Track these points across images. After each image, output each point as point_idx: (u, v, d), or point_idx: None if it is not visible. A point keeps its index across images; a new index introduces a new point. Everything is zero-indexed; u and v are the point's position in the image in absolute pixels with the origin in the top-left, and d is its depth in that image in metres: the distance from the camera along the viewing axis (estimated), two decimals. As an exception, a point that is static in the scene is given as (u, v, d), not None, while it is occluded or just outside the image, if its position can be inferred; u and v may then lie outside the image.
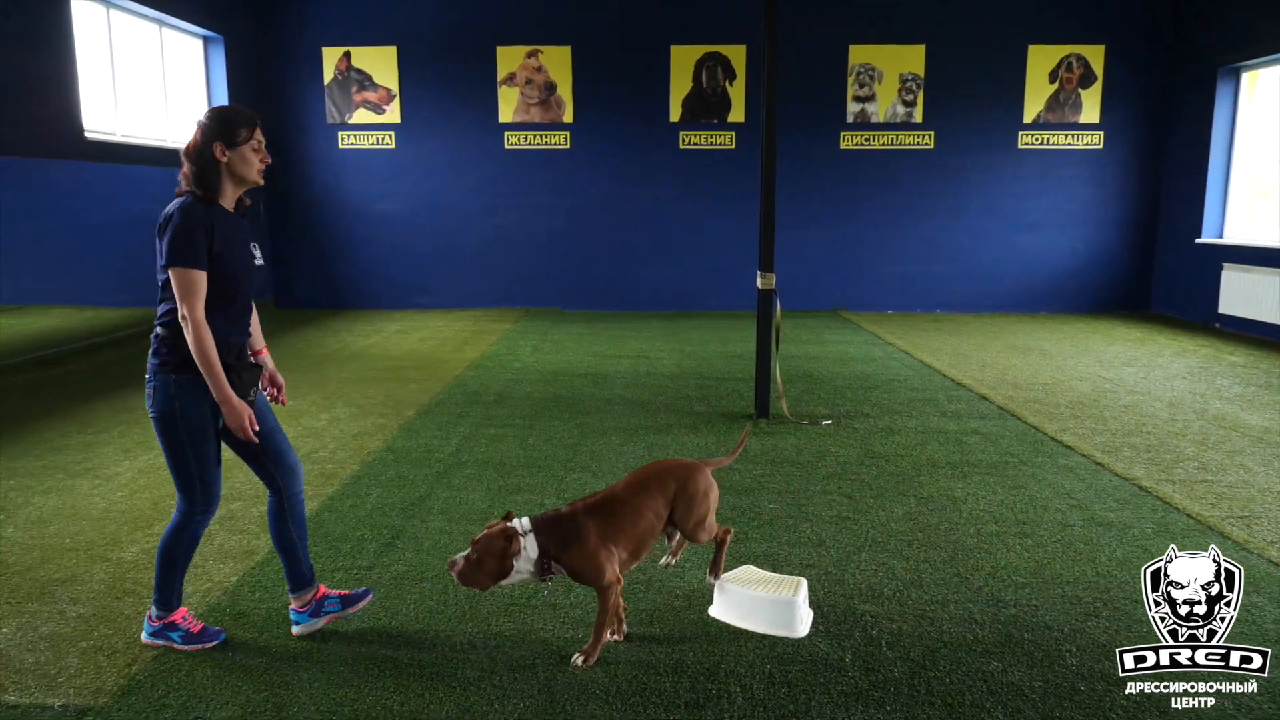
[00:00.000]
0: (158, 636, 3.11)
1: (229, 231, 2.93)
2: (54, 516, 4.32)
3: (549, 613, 3.36)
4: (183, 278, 2.82)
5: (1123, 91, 11.60)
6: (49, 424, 6.02)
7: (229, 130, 2.93)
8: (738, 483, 4.86)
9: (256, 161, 2.99)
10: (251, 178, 2.99)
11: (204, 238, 2.84)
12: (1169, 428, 6.07)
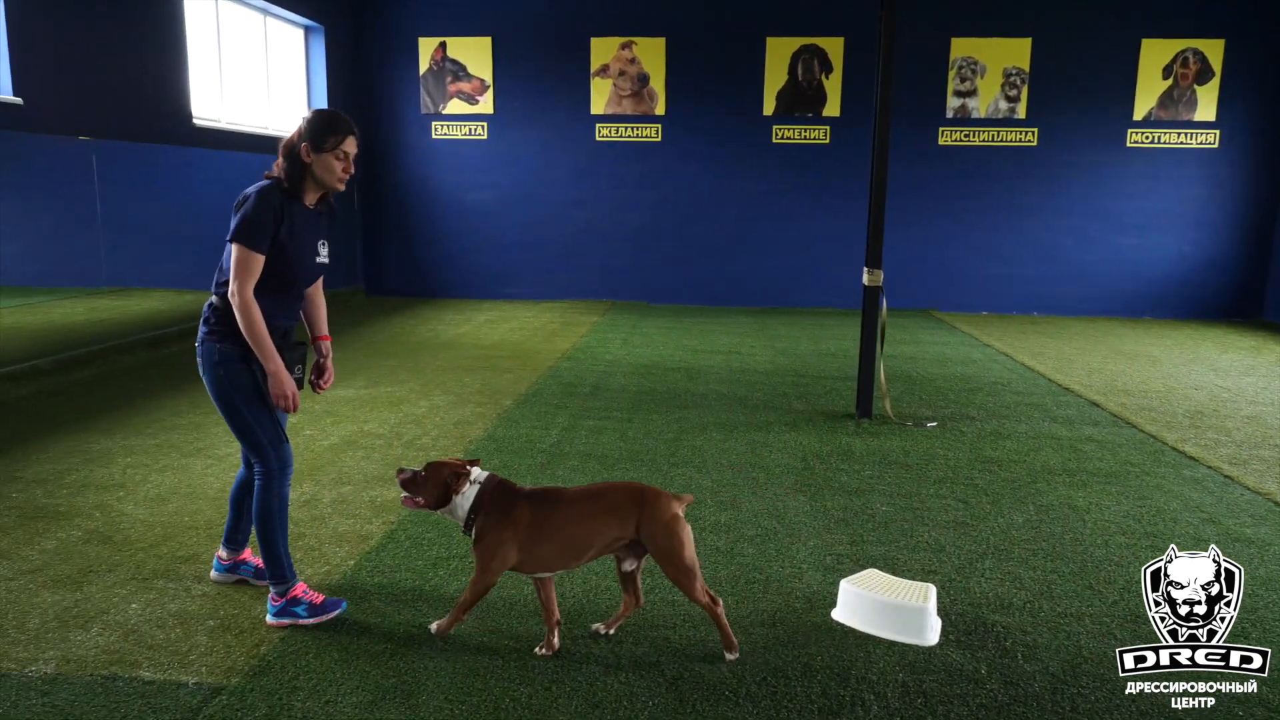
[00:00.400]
0: (283, 615, 3.15)
1: (300, 225, 3.03)
2: (172, 494, 4.42)
3: (669, 609, 3.30)
4: (241, 256, 2.93)
5: (1242, 89, 11.06)
6: (159, 403, 6.19)
7: (319, 135, 3.00)
8: (846, 483, 4.75)
9: (338, 170, 3.05)
10: (330, 184, 3.07)
11: (272, 225, 2.94)
12: (1299, 442, 5.76)
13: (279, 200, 2.98)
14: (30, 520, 4.04)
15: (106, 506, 4.23)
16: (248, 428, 3.09)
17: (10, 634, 3.06)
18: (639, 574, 3.07)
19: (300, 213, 3.05)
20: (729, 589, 3.46)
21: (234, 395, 3.05)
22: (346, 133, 3.03)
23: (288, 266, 3.02)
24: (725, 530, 4.06)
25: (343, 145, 3.02)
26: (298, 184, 3.03)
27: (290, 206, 3.01)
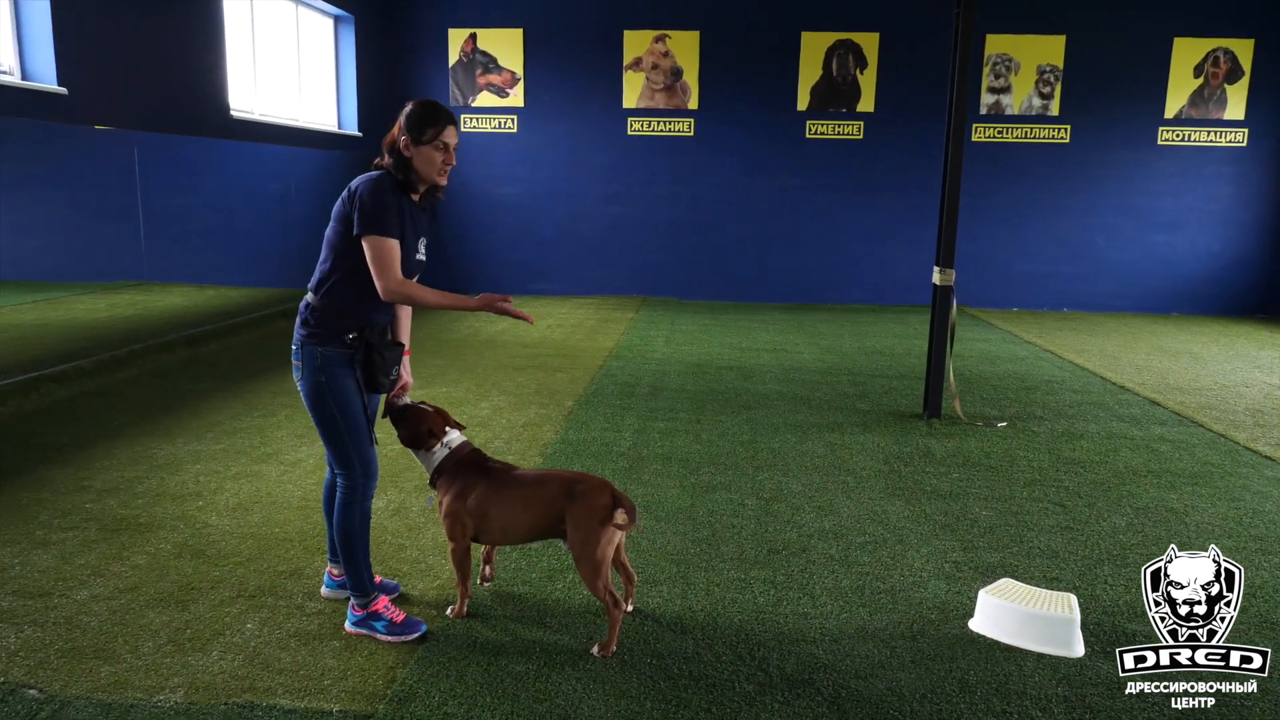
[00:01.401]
0: (361, 626, 3.09)
1: (407, 219, 2.96)
2: (253, 504, 4.32)
3: (800, 620, 3.26)
4: (378, 246, 2.85)
5: (1271, 88, 11.06)
6: (214, 405, 6.09)
7: (416, 127, 2.91)
8: (938, 487, 4.71)
9: (439, 162, 2.94)
10: (431, 177, 2.96)
11: (397, 208, 2.89)
12: (1368, 443, 5.74)
13: (394, 188, 2.93)
14: (113, 533, 3.92)
15: (189, 517, 4.13)
16: (338, 436, 3.01)
17: (126, 659, 2.94)
18: (620, 552, 3.19)
19: (409, 206, 2.98)
20: (856, 600, 3.42)
21: (330, 402, 2.96)
22: (446, 123, 2.93)
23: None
24: (833, 537, 4.02)
25: (442, 135, 2.91)
26: (408, 177, 2.95)
27: (400, 198, 2.95)
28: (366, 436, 3.05)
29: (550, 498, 3.04)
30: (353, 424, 3.00)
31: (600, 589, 2.96)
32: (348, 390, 2.98)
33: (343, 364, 2.97)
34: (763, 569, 3.67)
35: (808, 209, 11.67)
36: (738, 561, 3.74)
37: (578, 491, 3.01)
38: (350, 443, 3.01)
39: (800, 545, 3.91)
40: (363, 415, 3.04)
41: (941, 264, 5.94)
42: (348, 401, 2.98)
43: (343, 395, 2.97)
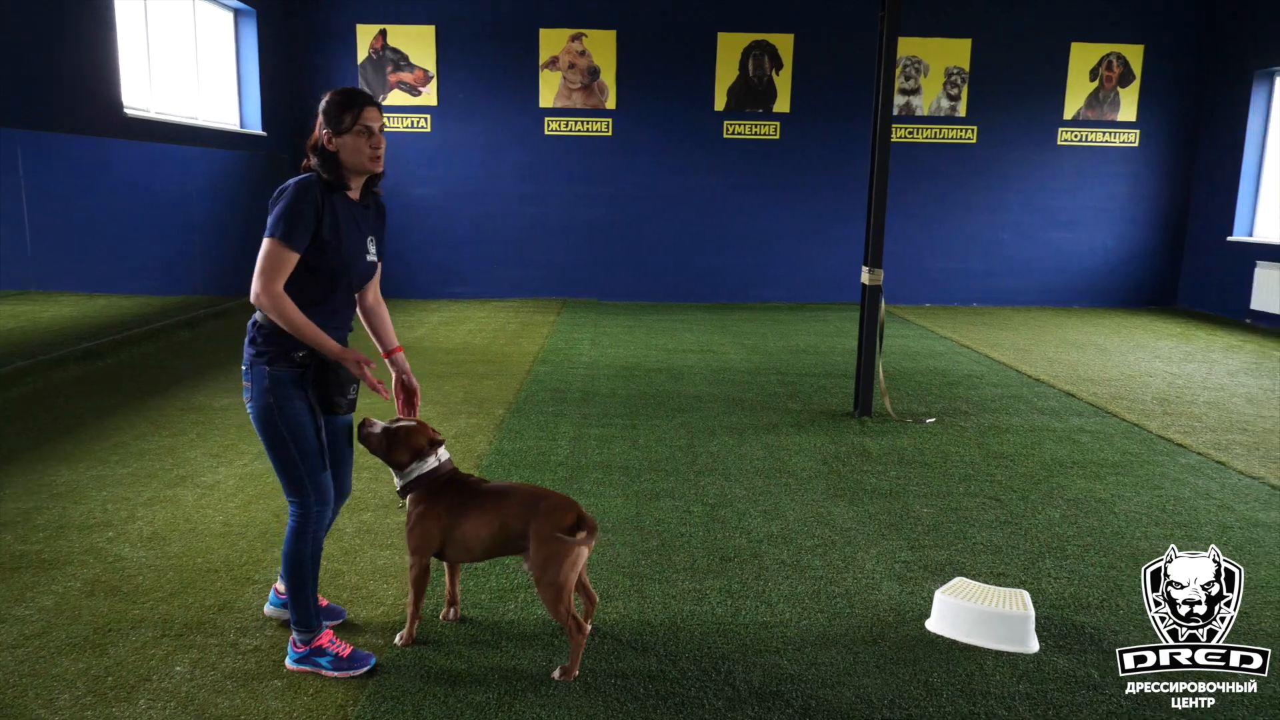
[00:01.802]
0: (304, 663, 2.91)
1: (344, 220, 2.79)
2: (171, 532, 4.04)
3: (761, 630, 3.22)
4: (273, 251, 2.69)
5: (1159, 91, 11.61)
6: (116, 424, 5.74)
7: (335, 116, 2.74)
8: (878, 486, 4.74)
9: (366, 148, 2.76)
10: (363, 165, 2.78)
11: (313, 219, 2.71)
12: (1262, 425, 6.05)
13: (319, 192, 2.73)
14: (12, 573, 3.60)
15: (99, 550, 3.83)
16: (289, 461, 2.81)
17: (39, 713, 2.66)
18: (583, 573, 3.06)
19: (344, 206, 2.80)
20: (813, 606, 3.40)
21: (280, 425, 2.78)
22: (364, 104, 2.76)
23: (332, 267, 2.77)
24: (783, 542, 4.00)
25: (362, 119, 2.73)
26: (336, 174, 2.76)
27: (332, 199, 2.76)
28: (320, 461, 2.86)
29: (513, 513, 2.93)
30: (304, 448, 2.81)
31: (563, 612, 2.84)
32: (299, 412, 2.79)
33: (293, 384, 2.78)
34: (717, 578, 3.62)
35: (726, 209, 11.73)
36: (691, 572, 3.68)
37: (542, 508, 2.90)
38: (303, 469, 2.83)
39: (751, 551, 3.88)
40: (316, 439, 2.84)
41: (870, 264, 6.01)
42: (299, 424, 2.79)
43: (293, 418, 2.79)
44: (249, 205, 10.47)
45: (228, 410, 6.07)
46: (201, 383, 6.84)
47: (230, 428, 5.68)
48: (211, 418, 5.90)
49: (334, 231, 2.75)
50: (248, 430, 5.61)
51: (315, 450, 2.84)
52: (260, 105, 10.59)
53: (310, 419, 2.83)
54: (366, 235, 2.89)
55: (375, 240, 2.94)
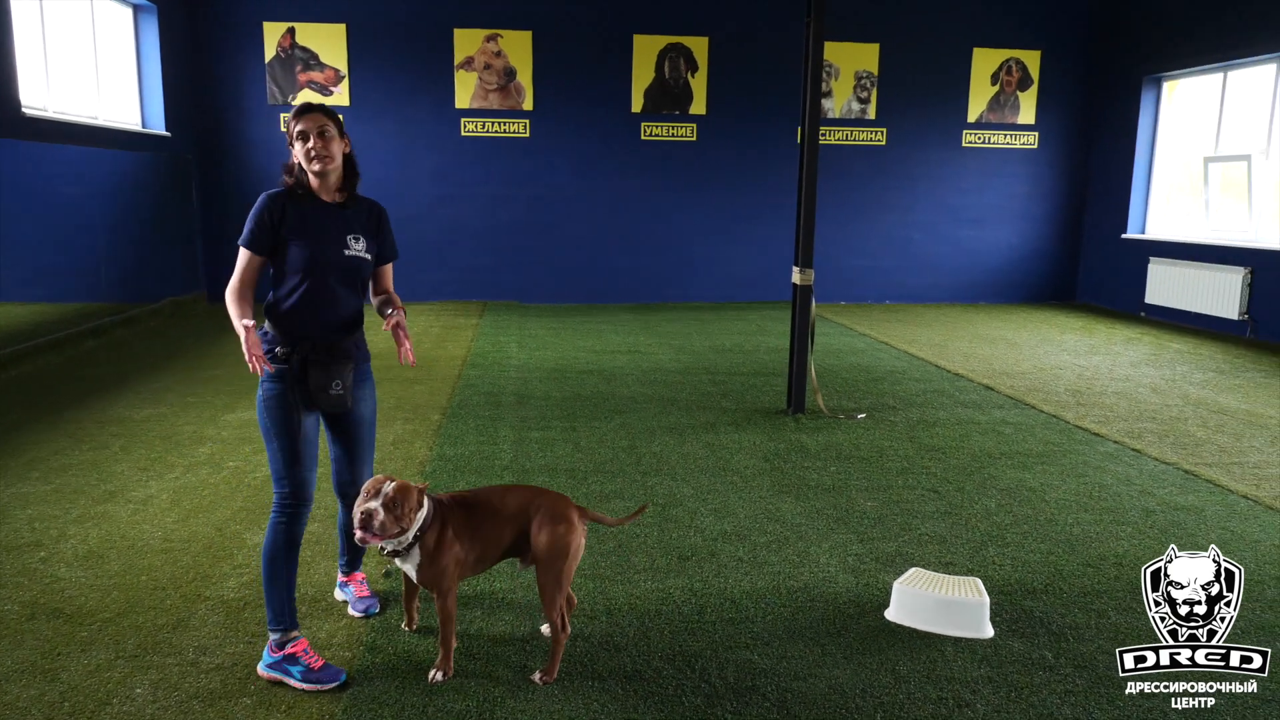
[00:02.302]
0: (275, 669, 2.90)
1: (309, 220, 2.96)
2: (107, 550, 3.87)
3: (729, 626, 3.27)
4: (240, 254, 2.99)
5: (1056, 95, 12.18)
6: (31, 439, 5.45)
7: (289, 126, 3.00)
8: (820, 481, 4.86)
9: (300, 150, 2.95)
10: (307, 168, 2.96)
11: (269, 223, 2.94)
12: (1168, 413, 6.42)
13: (279, 200, 2.96)
14: (-58, 591, 3.45)
15: (32, 571, 3.65)
16: (271, 452, 2.98)
17: None
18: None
19: (313, 208, 2.98)
20: (776, 600, 3.47)
21: (265, 417, 2.97)
22: (299, 114, 2.95)
23: (294, 262, 2.94)
24: (737, 539, 4.07)
25: (297, 126, 2.94)
26: (300, 181, 2.99)
27: (296, 206, 2.97)
28: (299, 457, 2.96)
29: (517, 511, 2.95)
30: (284, 441, 2.95)
31: (558, 608, 2.87)
32: (282, 407, 2.94)
33: (277, 380, 2.94)
34: (678, 577, 3.66)
35: (645, 210, 11.80)
36: (651, 572, 3.71)
37: (542, 506, 2.93)
38: (281, 460, 2.96)
39: (708, 550, 3.93)
40: (296, 434, 2.95)
41: (801, 264, 6.14)
42: (282, 419, 2.94)
43: (277, 411, 2.94)
44: (152, 208, 10.04)
45: (150, 422, 5.83)
46: (118, 394, 6.54)
47: (155, 440, 5.45)
48: (134, 430, 5.65)
49: (296, 232, 2.94)
50: (174, 442, 5.40)
51: (293, 445, 2.95)
52: (163, 105, 10.17)
53: (294, 414, 2.94)
54: (346, 233, 3.01)
55: (364, 237, 3.04)
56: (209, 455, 5.18)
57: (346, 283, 3.02)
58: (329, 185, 3.00)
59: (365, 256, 3.05)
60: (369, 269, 3.09)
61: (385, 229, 3.16)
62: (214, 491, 4.60)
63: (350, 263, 3.01)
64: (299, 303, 2.95)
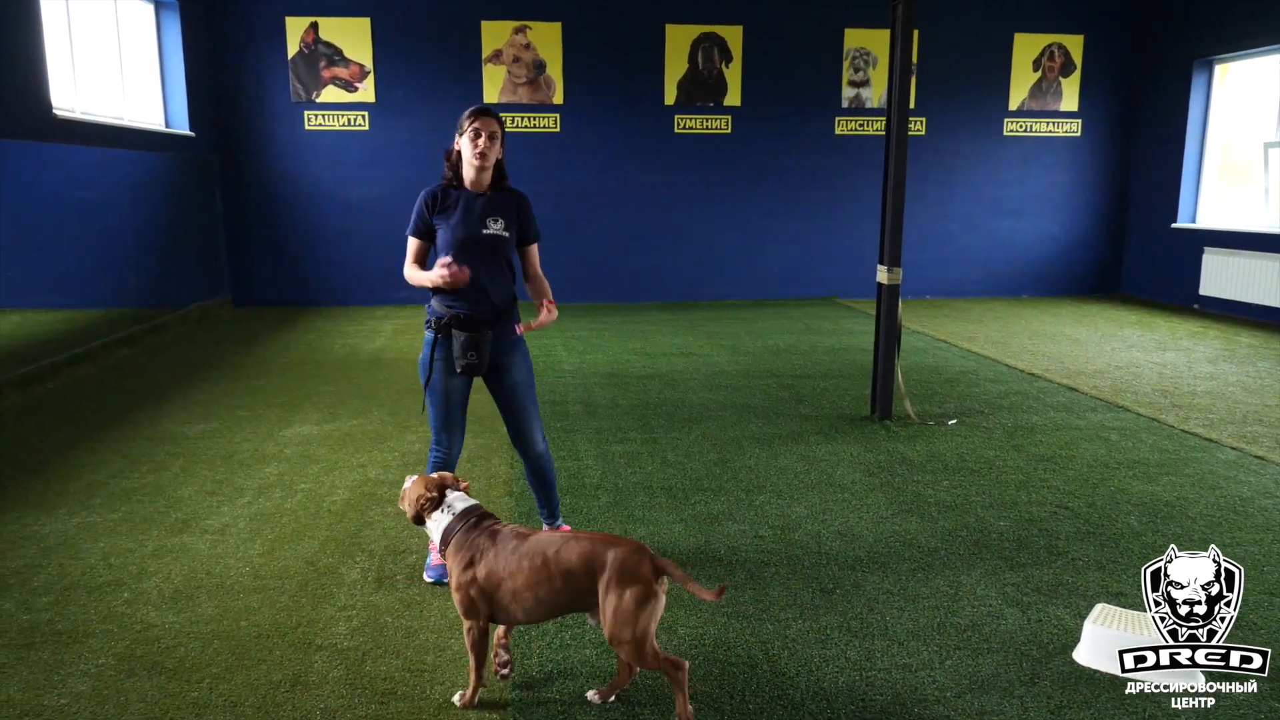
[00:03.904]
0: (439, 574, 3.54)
1: (457, 206, 3.42)
2: (195, 590, 3.53)
3: (906, 674, 2.95)
4: (408, 241, 3.53)
5: (1100, 81, 11.86)
6: (83, 460, 5.11)
7: (461, 122, 3.41)
8: (939, 498, 4.55)
9: (469, 149, 3.39)
10: (468, 161, 3.41)
11: (424, 211, 3.45)
12: (1272, 414, 6.11)
13: (434, 191, 3.46)
14: (26, 650, 3.07)
15: (119, 616, 3.31)
16: (427, 406, 3.54)
17: None
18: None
19: (462, 197, 3.43)
20: (945, 641, 3.15)
21: (421, 374, 3.53)
22: (475, 114, 3.37)
23: (442, 244, 3.44)
24: (875, 566, 3.75)
25: (472, 124, 3.35)
26: (456, 172, 3.46)
27: (447, 194, 3.44)
28: (439, 412, 3.50)
29: (571, 568, 2.60)
30: (432, 399, 3.50)
31: (649, 658, 2.55)
32: (431, 368, 3.47)
33: (429, 346, 3.49)
34: (827, 614, 3.34)
35: (678, 205, 11.46)
36: (798, 608, 3.39)
37: (609, 560, 2.57)
38: (434, 420, 3.53)
39: (850, 581, 3.61)
40: (442, 395, 3.49)
41: (888, 263, 5.82)
42: (434, 383, 3.48)
43: (425, 369, 3.50)
44: (176, 211, 9.67)
45: (205, 439, 5.49)
46: (163, 407, 6.20)
47: (215, 460, 5.12)
48: (190, 448, 5.31)
49: (443, 218, 3.43)
50: (236, 462, 5.07)
51: (436, 402, 3.49)
52: (187, 104, 9.79)
53: (439, 376, 3.46)
54: (486, 215, 3.43)
55: (503, 220, 3.45)
56: (277, 477, 4.85)
57: (488, 259, 3.42)
58: (481, 181, 3.44)
59: (504, 234, 3.44)
60: (508, 246, 3.48)
61: (526, 212, 3.54)
62: (293, 519, 4.27)
63: (489, 240, 3.41)
64: (443, 290, 3.38)
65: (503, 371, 3.52)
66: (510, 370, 3.53)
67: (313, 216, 10.92)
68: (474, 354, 3.38)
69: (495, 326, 3.46)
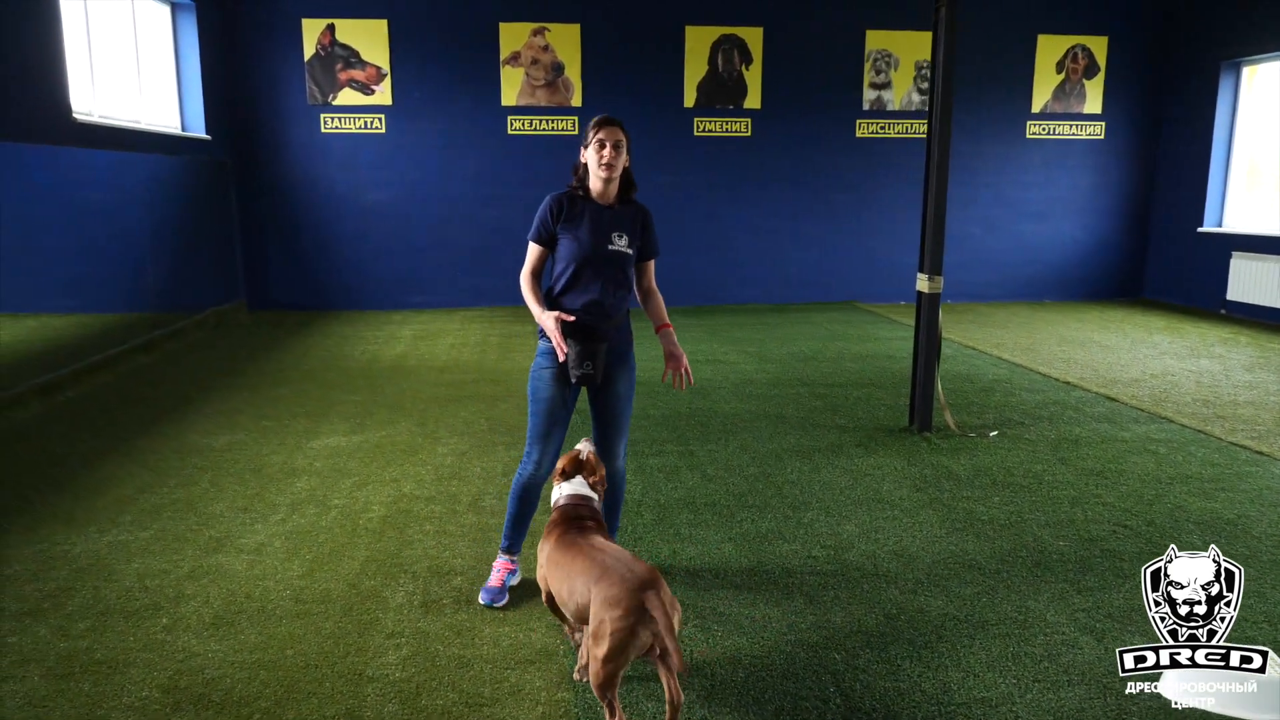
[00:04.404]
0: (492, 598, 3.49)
1: (586, 219, 3.34)
2: (236, 615, 3.39)
3: (990, 711, 2.82)
4: (529, 246, 3.44)
5: (1123, 83, 11.72)
6: (109, 474, 4.99)
7: (587, 132, 3.34)
8: (993, 515, 4.42)
9: (594, 160, 3.31)
10: (592, 173, 3.33)
11: (548, 219, 3.37)
12: (1318, 427, 5.98)
13: (559, 200, 3.37)
14: (66, 680, 2.95)
15: (159, 644, 3.18)
16: (529, 415, 3.43)
17: None
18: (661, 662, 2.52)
19: (588, 208, 3.36)
20: (1022, 672, 3.03)
21: (530, 382, 3.44)
22: (601, 124, 3.29)
23: (563, 256, 3.35)
24: (937, 590, 3.62)
25: (598, 135, 3.28)
26: (583, 182, 3.38)
27: (573, 203, 3.36)
28: (542, 425, 3.38)
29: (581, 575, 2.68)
30: (536, 408, 3.39)
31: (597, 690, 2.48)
32: (543, 379, 3.38)
33: (545, 354, 3.39)
34: (894, 643, 3.21)
35: (697, 208, 11.33)
36: (861, 634, 3.26)
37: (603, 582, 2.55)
38: (533, 430, 3.41)
39: (915, 608, 3.48)
40: (547, 404, 3.36)
41: (929, 271, 5.69)
42: (538, 387, 3.39)
43: (536, 381, 3.40)
44: (192, 214, 9.56)
45: (232, 451, 5.37)
46: (186, 417, 6.09)
47: (244, 473, 5.00)
48: (217, 461, 5.19)
49: (568, 229, 3.34)
50: (266, 476, 4.95)
51: (540, 414, 3.37)
52: (203, 107, 9.67)
53: (550, 387, 3.36)
54: (611, 230, 3.35)
55: (627, 235, 3.37)
56: (309, 492, 4.73)
57: (609, 274, 3.35)
58: (608, 192, 3.36)
59: (626, 251, 3.38)
60: (630, 263, 3.42)
61: (649, 229, 3.49)
62: (330, 537, 4.15)
63: (612, 256, 3.35)
64: (565, 288, 3.36)
65: (610, 382, 3.45)
66: (617, 381, 3.46)
67: (329, 220, 10.81)
68: (590, 364, 3.30)
69: (612, 338, 3.41)
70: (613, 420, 3.49)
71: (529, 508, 3.50)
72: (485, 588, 3.50)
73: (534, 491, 3.47)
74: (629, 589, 2.47)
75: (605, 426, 3.50)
